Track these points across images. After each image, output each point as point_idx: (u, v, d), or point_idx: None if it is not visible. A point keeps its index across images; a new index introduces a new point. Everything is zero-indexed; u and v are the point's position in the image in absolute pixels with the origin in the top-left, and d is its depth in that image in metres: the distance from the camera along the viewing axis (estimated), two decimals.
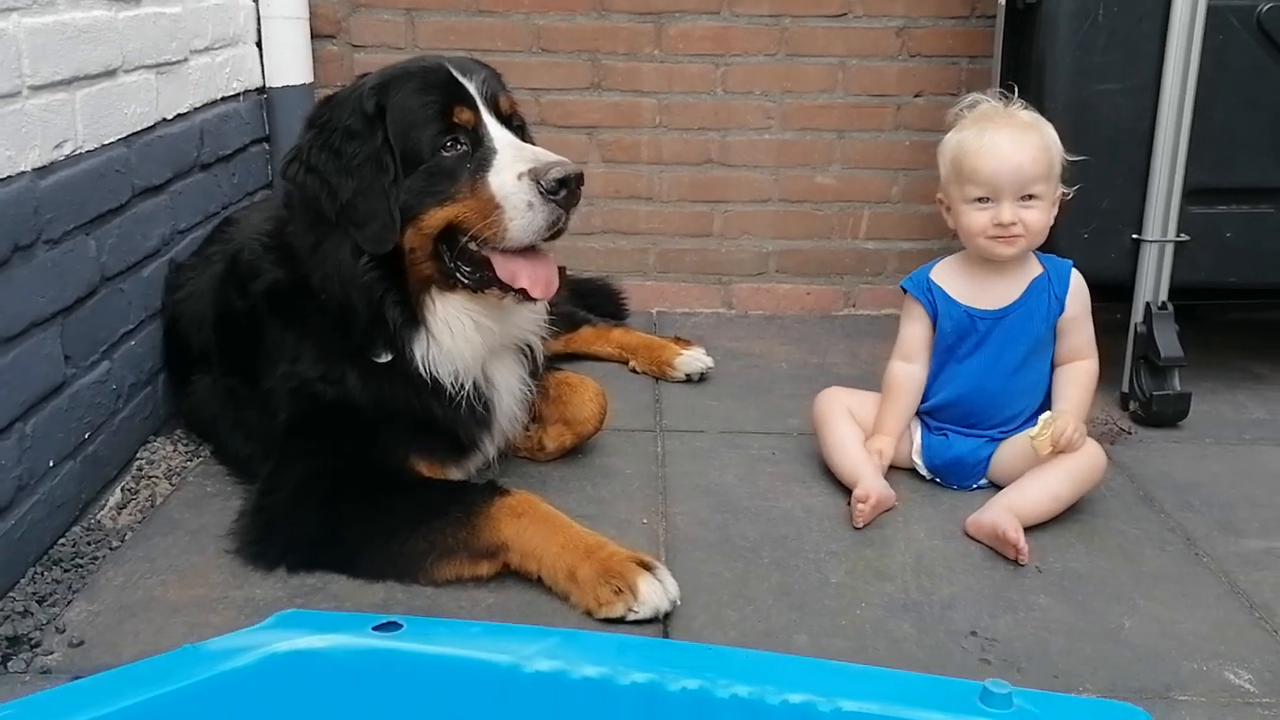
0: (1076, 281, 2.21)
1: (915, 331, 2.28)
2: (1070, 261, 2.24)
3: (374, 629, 1.21)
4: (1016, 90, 2.24)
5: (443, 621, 1.41)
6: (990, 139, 2.10)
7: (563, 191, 1.87)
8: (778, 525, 2.13)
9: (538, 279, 1.94)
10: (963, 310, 2.21)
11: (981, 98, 2.22)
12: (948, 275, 2.26)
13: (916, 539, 2.08)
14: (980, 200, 2.13)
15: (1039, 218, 2.13)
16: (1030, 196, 2.12)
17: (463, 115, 1.94)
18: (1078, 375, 2.20)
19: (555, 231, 1.92)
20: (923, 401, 2.31)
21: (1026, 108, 2.19)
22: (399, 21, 3.25)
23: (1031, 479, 2.11)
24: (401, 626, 1.21)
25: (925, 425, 2.30)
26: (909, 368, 2.28)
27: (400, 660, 1.18)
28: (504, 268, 1.93)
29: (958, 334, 2.22)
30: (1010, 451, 2.21)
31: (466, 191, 1.91)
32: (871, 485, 2.12)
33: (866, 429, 2.30)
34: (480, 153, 1.93)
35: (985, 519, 2.04)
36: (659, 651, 1.18)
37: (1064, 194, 2.19)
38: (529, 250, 1.94)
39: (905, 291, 2.30)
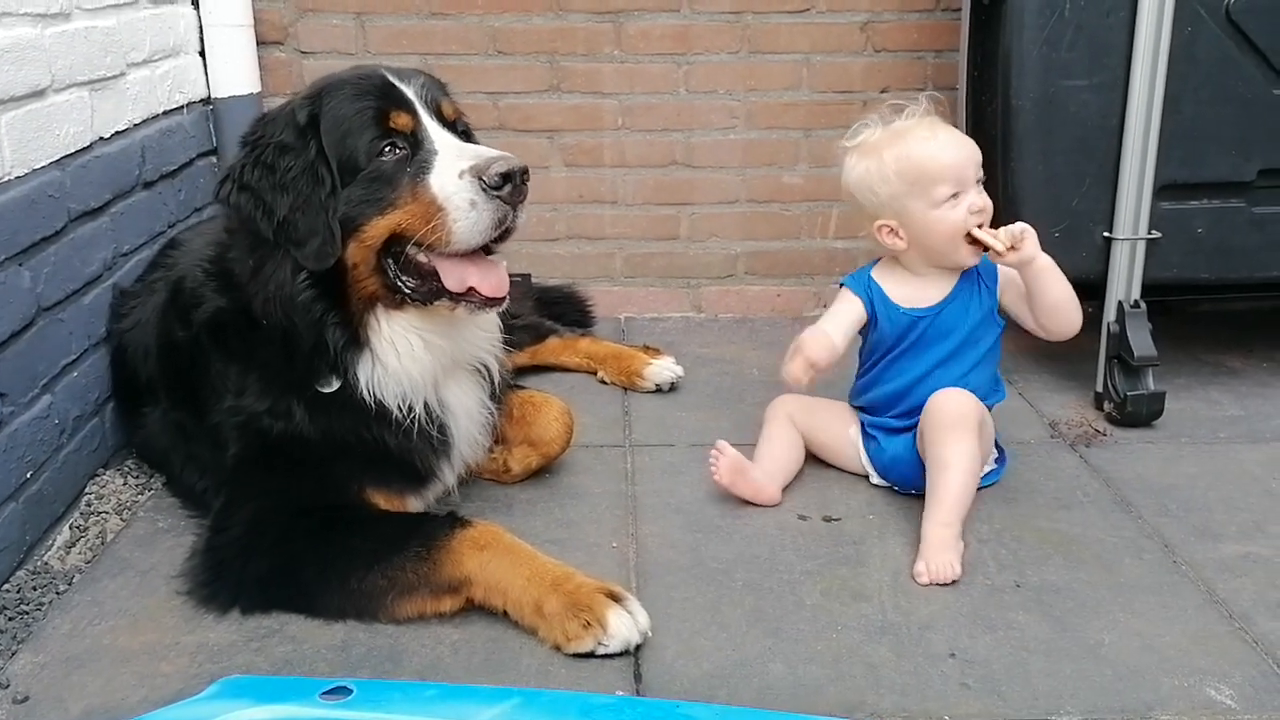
0: (1005, 269, 2.23)
1: (846, 317, 2.25)
2: None
3: (322, 695, 1.14)
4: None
5: (395, 684, 1.34)
6: (933, 137, 2.14)
7: (507, 186, 1.80)
8: (750, 544, 2.08)
9: (487, 279, 1.87)
10: (901, 312, 2.23)
11: (868, 124, 2.24)
12: (885, 277, 2.28)
13: (893, 554, 2.04)
14: (952, 197, 2.14)
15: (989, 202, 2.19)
16: (979, 181, 2.18)
17: (400, 120, 1.87)
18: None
19: (503, 231, 1.84)
20: (859, 395, 2.34)
21: (909, 115, 2.20)
22: (348, 26, 3.15)
23: (934, 476, 2.04)
24: (352, 691, 1.14)
25: (861, 426, 2.31)
26: (828, 335, 2.22)
27: None
28: (452, 273, 1.87)
29: (897, 335, 2.24)
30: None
31: (408, 196, 1.83)
32: (746, 463, 2.19)
33: (809, 435, 2.34)
34: (420, 155, 1.86)
35: (926, 567, 1.95)
36: (625, 712, 1.12)
37: None
38: (476, 255, 1.88)
39: (843, 286, 2.31)
